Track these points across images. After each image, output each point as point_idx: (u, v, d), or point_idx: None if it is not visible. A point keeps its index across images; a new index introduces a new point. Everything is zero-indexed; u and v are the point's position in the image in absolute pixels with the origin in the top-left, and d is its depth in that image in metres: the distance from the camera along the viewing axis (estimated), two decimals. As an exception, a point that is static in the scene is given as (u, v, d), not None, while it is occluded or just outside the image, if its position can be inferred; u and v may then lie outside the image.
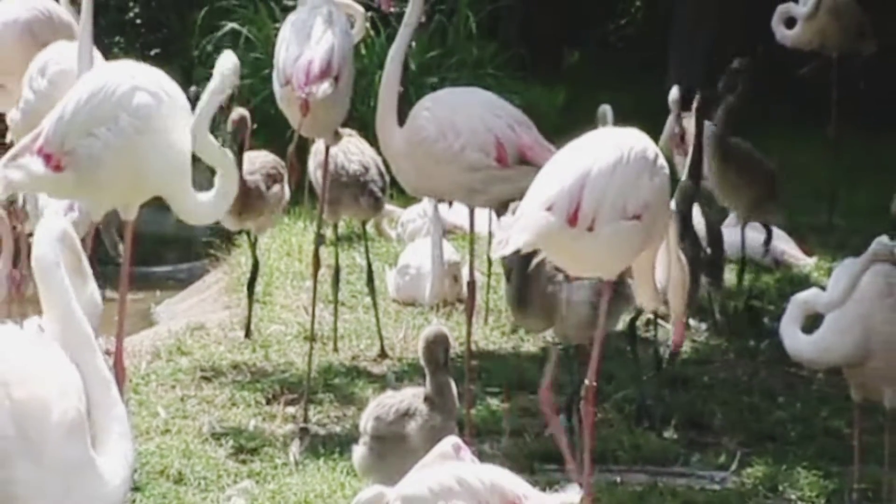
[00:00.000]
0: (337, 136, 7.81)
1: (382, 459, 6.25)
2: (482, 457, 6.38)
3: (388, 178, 8.50)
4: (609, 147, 5.77)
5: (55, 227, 4.55)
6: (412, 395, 6.37)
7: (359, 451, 6.36)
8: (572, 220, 5.62)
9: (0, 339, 4.37)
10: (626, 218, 5.70)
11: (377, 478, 6.12)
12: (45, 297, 4.44)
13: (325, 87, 7.04)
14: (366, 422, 6.35)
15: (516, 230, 5.57)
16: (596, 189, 5.64)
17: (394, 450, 6.22)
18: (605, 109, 8.44)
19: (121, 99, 5.90)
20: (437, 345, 6.33)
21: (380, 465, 6.25)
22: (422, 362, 6.41)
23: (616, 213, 5.68)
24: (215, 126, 6.49)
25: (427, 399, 6.32)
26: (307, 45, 7.12)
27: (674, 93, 9.76)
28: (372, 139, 7.76)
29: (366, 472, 6.37)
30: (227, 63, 6.08)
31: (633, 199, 5.71)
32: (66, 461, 4.26)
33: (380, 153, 7.73)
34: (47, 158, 5.97)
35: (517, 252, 5.83)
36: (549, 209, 5.61)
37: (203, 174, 6.21)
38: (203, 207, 6.02)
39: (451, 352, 6.42)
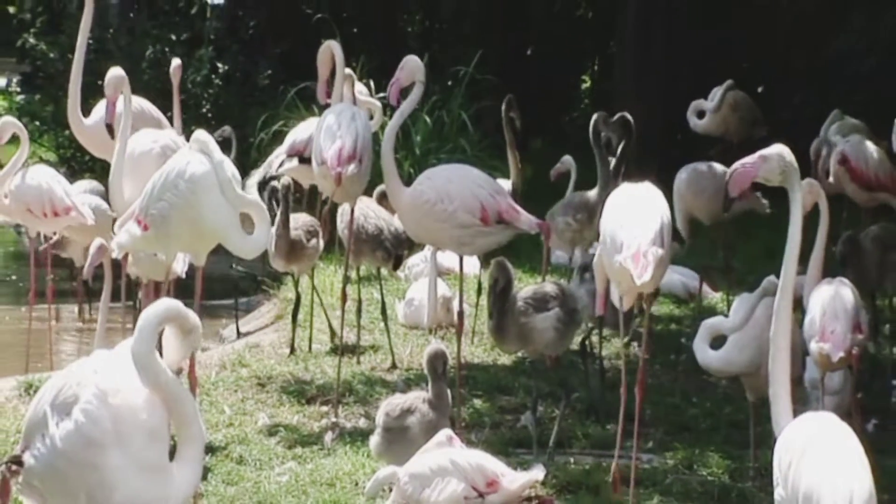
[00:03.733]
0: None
1: (391, 445, 6.22)
2: (469, 444, 6.38)
3: (404, 236, 8.46)
4: (657, 198, 6.20)
5: (153, 319, 4.37)
6: (414, 397, 6.35)
7: (374, 440, 6.34)
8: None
9: (101, 361, 4.41)
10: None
11: (389, 460, 6.11)
12: (141, 378, 4.30)
13: (352, 168, 7.10)
14: (379, 417, 6.35)
15: (651, 263, 5.91)
16: (667, 226, 6.06)
17: (399, 438, 6.19)
18: (567, 163, 8.57)
19: (179, 171, 6.00)
20: (438, 359, 6.32)
21: (389, 449, 6.22)
22: (426, 372, 6.41)
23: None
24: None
25: (429, 401, 6.32)
26: (338, 136, 7.19)
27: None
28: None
29: (379, 456, 6.35)
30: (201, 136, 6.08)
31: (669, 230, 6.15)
32: (147, 460, 4.23)
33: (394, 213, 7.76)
34: (139, 222, 6.20)
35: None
36: (654, 244, 5.97)
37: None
38: (251, 244, 6.03)
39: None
